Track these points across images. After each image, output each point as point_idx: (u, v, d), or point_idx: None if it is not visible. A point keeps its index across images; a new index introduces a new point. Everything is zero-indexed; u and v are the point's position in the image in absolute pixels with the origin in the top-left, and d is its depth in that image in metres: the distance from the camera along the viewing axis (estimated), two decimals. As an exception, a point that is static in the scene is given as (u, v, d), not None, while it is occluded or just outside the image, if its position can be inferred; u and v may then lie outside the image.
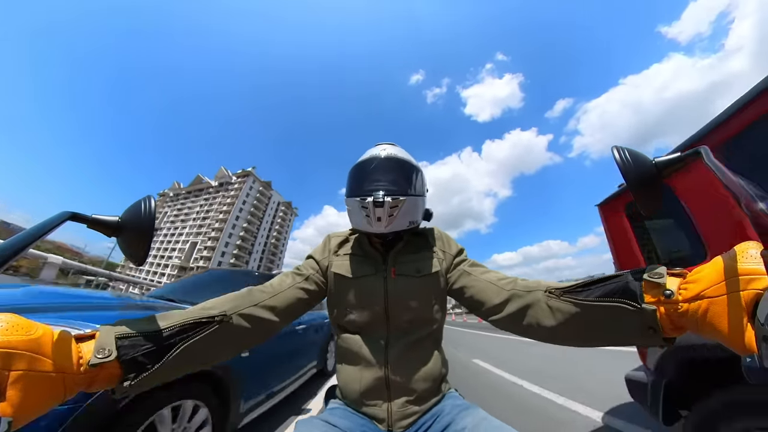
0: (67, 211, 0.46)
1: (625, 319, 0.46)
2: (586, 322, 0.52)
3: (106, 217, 0.50)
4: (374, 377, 0.72)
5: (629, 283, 0.47)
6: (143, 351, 0.47)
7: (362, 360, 0.74)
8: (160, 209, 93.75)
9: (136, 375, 0.46)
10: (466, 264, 0.81)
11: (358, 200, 0.74)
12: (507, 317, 0.65)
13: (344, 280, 0.79)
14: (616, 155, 0.47)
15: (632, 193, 0.46)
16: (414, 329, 0.76)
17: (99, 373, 0.44)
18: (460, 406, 0.70)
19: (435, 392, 0.75)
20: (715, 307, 0.37)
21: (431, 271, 0.79)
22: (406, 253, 0.82)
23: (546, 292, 0.59)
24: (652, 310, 0.43)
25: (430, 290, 0.78)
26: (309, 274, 0.80)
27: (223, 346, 0.60)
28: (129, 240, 0.51)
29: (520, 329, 0.64)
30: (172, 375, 0.52)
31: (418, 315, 0.77)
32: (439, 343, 0.82)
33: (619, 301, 0.47)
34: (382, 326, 0.76)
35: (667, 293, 0.42)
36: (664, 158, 0.46)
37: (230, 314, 0.60)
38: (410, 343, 0.75)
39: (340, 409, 0.74)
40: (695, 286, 0.40)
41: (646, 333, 0.44)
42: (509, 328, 0.66)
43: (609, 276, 0.52)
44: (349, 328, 0.79)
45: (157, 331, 0.50)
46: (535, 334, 0.62)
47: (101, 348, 0.44)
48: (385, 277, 0.78)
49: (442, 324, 0.83)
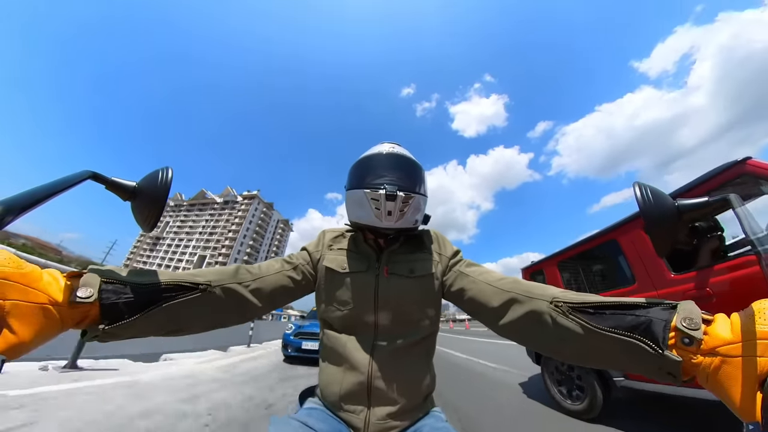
0: (88, 170, 0.47)
1: (640, 357, 0.42)
2: (595, 347, 0.48)
3: (124, 181, 0.52)
4: (356, 381, 0.68)
5: (653, 323, 0.42)
6: (124, 300, 0.48)
7: (345, 361, 0.71)
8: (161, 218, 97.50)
9: (111, 322, 0.47)
10: (462, 265, 0.79)
11: (368, 191, 0.72)
12: (508, 325, 0.61)
13: (335, 274, 0.77)
14: (637, 192, 0.45)
15: (649, 232, 0.44)
16: (404, 334, 0.73)
17: (90, 311, 0.45)
18: (439, 429, 0.65)
19: (418, 408, 0.71)
20: (728, 367, 0.35)
21: (425, 273, 0.76)
22: (400, 253, 0.80)
23: (552, 304, 0.54)
24: (676, 361, 0.39)
25: (423, 292, 0.75)
26: (298, 264, 0.78)
27: (201, 315, 0.59)
28: (142, 206, 0.52)
29: (520, 338, 0.61)
30: (144, 332, 0.51)
31: (409, 317, 0.73)
32: (430, 355, 0.78)
33: (638, 339, 0.43)
34: (369, 327, 0.73)
35: (686, 341, 0.39)
36: (688, 202, 0.43)
37: (214, 285, 0.60)
38: (398, 349, 0.71)
39: (318, 410, 0.70)
40: (711, 339, 0.38)
41: (663, 375, 0.41)
42: (510, 335, 0.63)
43: (628, 304, 0.46)
44: (336, 325, 0.76)
45: (142, 284, 0.51)
46: (535, 346, 0.58)
47: (84, 286, 0.45)
48: (377, 275, 0.75)
49: (435, 332, 0.79)
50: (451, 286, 0.76)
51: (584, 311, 0.50)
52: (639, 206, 0.44)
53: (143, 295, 0.50)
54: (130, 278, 0.50)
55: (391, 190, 0.70)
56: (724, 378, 0.36)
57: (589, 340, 0.48)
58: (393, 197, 0.70)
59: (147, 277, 0.53)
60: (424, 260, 0.79)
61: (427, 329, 0.76)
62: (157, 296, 0.52)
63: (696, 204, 0.43)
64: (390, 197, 0.70)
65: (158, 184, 0.50)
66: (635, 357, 0.43)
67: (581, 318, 0.49)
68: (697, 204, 0.43)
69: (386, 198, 0.70)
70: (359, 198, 0.74)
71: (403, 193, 0.71)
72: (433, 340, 0.79)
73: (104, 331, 0.46)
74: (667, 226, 0.44)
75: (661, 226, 0.44)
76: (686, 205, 0.43)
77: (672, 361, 0.39)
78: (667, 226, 0.43)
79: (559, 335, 0.52)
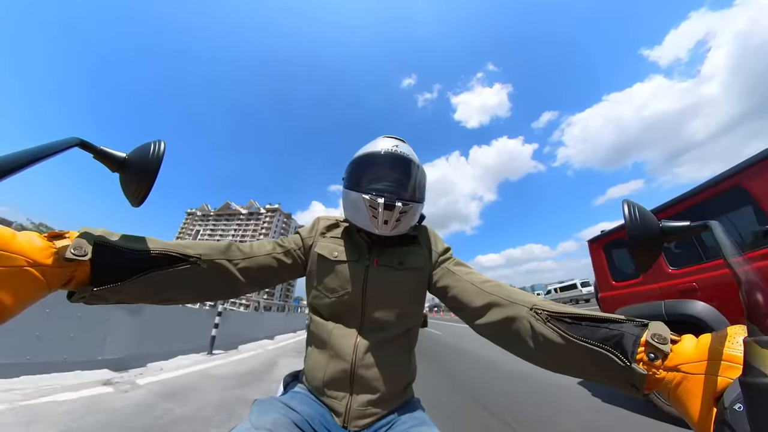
0: (76, 137, 0.44)
1: (609, 368, 0.45)
2: (567, 356, 0.51)
3: (114, 152, 0.49)
4: (340, 368, 0.69)
5: (625, 337, 0.45)
6: (115, 263, 0.49)
7: (331, 348, 0.72)
8: (190, 227, 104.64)
9: (100, 284, 0.47)
10: (450, 263, 0.81)
11: (367, 198, 0.71)
12: (487, 325, 0.64)
13: (325, 261, 0.78)
14: (626, 210, 0.47)
15: (632, 249, 0.46)
16: (389, 325, 0.74)
17: (77, 271, 0.45)
18: (417, 419, 0.68)
19: (398, 397, 0.73)
20: (688, 383, 0.38)
21: (414, 267, 0.78)
22: (392, 245, 0.80)
23: (532, 310, 0.57)
24: (641, 374, 0.42)
25: (410, 285, 0.77)
26: (290, 248, 0.80)
27: (188, 288, 0.60)
28: (131, 179, 0.49)
29: (497, 340, 0.64)
30: (131, 298, 0.52)
31: (395, 309, 0.75)
32: (412, 346, 0.81)
33: (609, 351, 0.45)
34: (356, 316, 0.74)
35: (651, 356, 0.42)
36: (672, 224, 0.46)
37: (204, 259, 0.61)
38: (383, 340, 0.73)
39: (301, 394, 0.71)
40: (675, 356, 0.40)
41: (627, 387, 0.44)
42: (487, 335, 0.66)
43: (603, 318, 0.50)
44: (323, 312, 0.77)
45: (134, 250, 0.52)
46: (512, 349, 0.61)
47: (78, 246, 0.44)
48: (368, 265, 0.76)
49: (418, 325, 0.82)
50: (437, 282, 0.79)
51: (562, 320, 0.53)
52: (626, 224, 0.46)
53: (134, 261, 0.51)
54: (122, 243, 0.51)
55: (389, 199, 0.70)
56: (683, 393, 0.38)
57: (563, 348, 0.51)
58: (391, 207, 0.71)
59: (139, 243, 0.54)
60: (415, 254, 0.81)
61: (412, 321, 0.79)
62: (147, 264, 0.53)
63: (679, 227, 0.45)
64: (388, 206, 0.70)
65: (149, 156, 0.48)
66: (604, 367, 0.46)
67: (558, 326, 0.52)
68: (679, 227, 0.45)
69: (384, 207, 0.70)
70: (356, 200, 0.74)
71: (401, 203, 0.71)
72: (416, 332, 0.82)
73: (93, 292, 0.47)
74: (650, 246, 0.46)
75: (644, 245, 0.46)
76: (670, 227, 0.45)
77: (638, 374, 0.42)
78: (650, 245, 0.46)
79: (536, 341, 0.55)
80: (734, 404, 0.32)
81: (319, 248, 0.80)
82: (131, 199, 0.50)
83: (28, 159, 0.36)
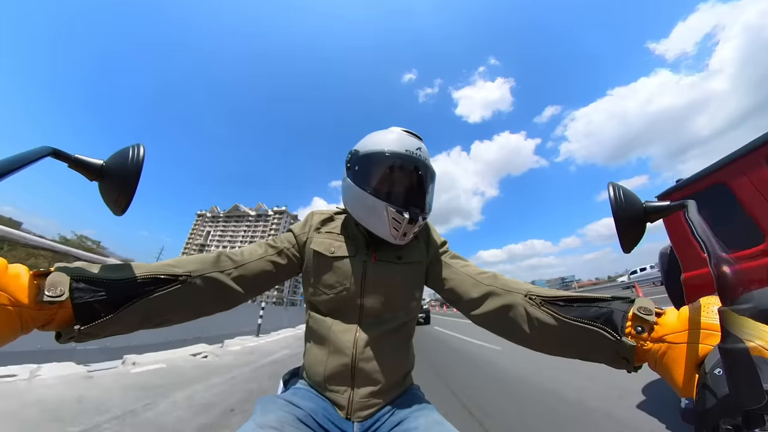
0: (48, 146, 0.42)
1: (601, 344, 0.50)
2: (562, 337, 0.55)
3: (90, 159, 0.47)
4: (340, 363, 0.70)
5: (613, 313, 0.50)
6: (99, 298, 0.46)
7: (330, 344, 0.72)
8: (201, 228, 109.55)
9: (87, 322, 0.45)
10: (447, 256, 0.83)
11: (393, 210, 0.71)
12: (484, 315, 0.68)
13: (322, 258, 0.77)
14: (611, 192, 0.50)
15: (617, 228, 0.49)
16: (387, 318, 0.75)
17: (57, 312, 0.43)
18: (417, 404, 0.70)
19: (399, 386, 0.75)
20: (672, 352, 0.42)
21: (412, 260, 0.80)
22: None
23: (526, 297, 0.61)
24: (631, 345, 0.46)
25: (408, 278, 0.79)
26: (283, 248, 0.79)
27: (182, 307, 0.59)
28: (111, 186, 0.48)
29: (495, 328, 0.68)
30: (125, 329, 0.51)
31: (394, 302, 0.76)
32: (410, 337, 0.82)
33: (600, 327, 0.50)
34: (354, 311, 0.74)
35: (638, 329, 0.46)
36: (653, 204, 0.49)
37: (194, 276, 0.60)
38: (382, 333, 0.73)
39: (303, 389, 0.72)
40: (660, 328, 0.45)
41: (618, 361, 0.49)
42: (485, 325, 0.69)
43: (593, 298, 0.54)
44: (322, 308, 0.77)
45: (117, 279, 0.49)
46: (509, 336, 0.65)
47: (53, 286, 0.42)
48: (365, 260, 0.77)
49: (416, 317, 0.83)
50: (434, 275, 0.81)
51: (555, 303, 0.57)
52: (611, 206, 0.49)
53: (119, 291, 0.49)
54: (103, 275, 0.48)
55: (414, 214, 0.71)
56: (669, 361, 0.42)
57: (558, 330, 0.55)
58: (415, 221, 0.72)
59: (122, 272, 0.51)
60: (413, 247, 0.82)
61: (411, 313, 0.80)
62: (134, 291, 0.51)
63: (660, 206, 0.49)
64: (412, 221, 0.71)
65: (128, 162, 0.47)
66: (597, 344, 0.50)
67: (552, 309, 0.57)
68: (660, 206, 0.49)
69: (409, 222, 0.71)
70: (376, 207, 0.72)
71: (422, 218, 0.74)
72: (413, 324, 0.83)
73: (80, 331, 0.45)
74: (635, 225, 0.49)
75: (629, 225, 0.49)
76: (652, 207, 0.49)
77: (627, 346, 0.46)
78: (635, 225, 0.49)
79: (532, 325, 0.59)
80: (714, 369, 0.35)
81: (315, 244, 0.79)
82: (113, 208, 0.49)
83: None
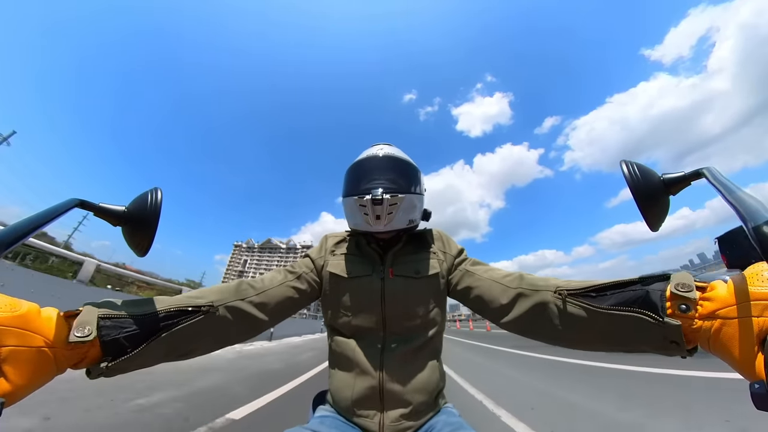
0: (75, 198, 0.46)
1: (644, 330, 0.44)
2: (601, 329, 0.50)
3: (113, 207, 0.50)
4: (368, 385, 0.68)
5: (650, 293, 0.44)
6: (125, 333, 0.47)
7: (356, 366, 0.71)
8: (238, 257, 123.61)
9: (115, 357, 0.46)
10: (467, 263, 0.80)
11: (356, 198, 0.73)
12: (515, 320, 0.63)
13: (339, 279, 0.77)
14: (624, 169, 0.46)
15: (639, 207, 0.45)
16: (412, 335, 0.74)
17: (89, 351, 0.44)
18: (452, 424, 0.66)
19: (431, 406, 0.72)
20: (727, 329, 0.36)
21: (431, 273, 0.77)
22: (404, 254, 0.80)
23: (555, 293, 0.56)
24: (676, 325, 0.40)
25: (429, 292, 0.76)
26: (302, 273, 0.78)
27: (206, 338, 0.59)
28: (133, 230, 0.51)
29: (529, 332, 0.62)
30: (151, 362, 0.51)
31: (417, 319, 0.74)
32: (438, 353, 0.79)
33: (638, 312, 0.44)
34: (378, 330, 0.73)
35: (683, 308, 0.40)
36: (672, 175, 0.46)
37: (216, 305, 0.59)
38: (408, 351, 0.72)
39: (330, 417, 0.71)
40: (710, 304, 0.38)
41: (667, 346, 0.42)
42: (518, 330, 0.64)
43: (625, 281, 0.48)
44: (344, 331, 0.76)
45: (142, 314, 0.50)
46: (544, 337, 0.60)
47: (81, 326, 0.43)
48: (383, 277, 0.75)
49: (442, 331, 0.80)
50: (457, 285, 0.77)
51: (587, 295, 0.51)
52: (627, 183, 0.45)
53: (144, 325, 0.49)
54: (128, 310, 0.49)
55: (376, 193, 0.71)
56: (725, 339, 0.36)
57: (595, 323, 0.50)
58: (379, 201, 0.70)
59: (146, 306, 0.52)
60: (429, 260, 0.79)
61: (435, 328, 0.77)
62: (158, 325, 0.51)
63: (677, 177, 0.45)
64: (376, 201, 0.70)
65: (148, 207, 0.50)
66: (639, 331, 0.44)
67: (585, 302, 0.51)
68: (678, 177, 0.45)
69: (372, 203, 0.71)
70: (351, 205, 0.77)
71: (389, 195, 0.71)
72: (440, 338, 0.80)
73: (107, 368, 0.45)
74: (657, 201, 0.45)
75: (651, 201, 0.45)
76: (670, 179, 0.45)
77: (673, 326, 0.40)
78: (657, 200, 0.45)
79: (565, 322, 0.54)
80: None
81: (331, 267, 0.79)
82: (136, 250, 0.51)
83: (30, 228, 0.37)
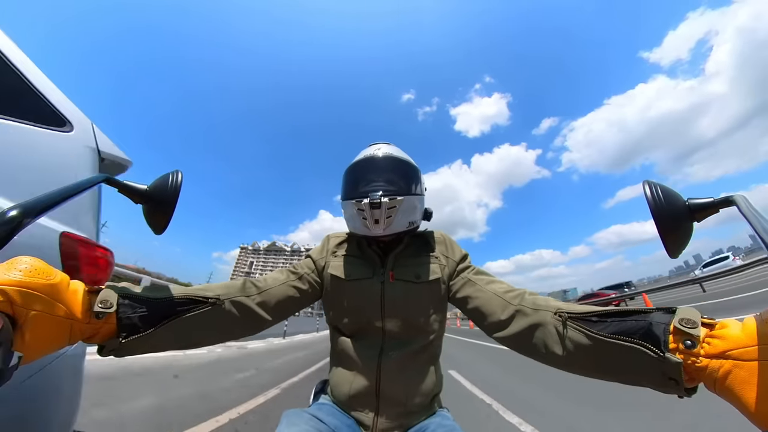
0: (102, 174, 0.49)
1: (642, 363, 0.41)
2: (598, 357, 0.48)
3: (136, 185, 0.53)
4: (365, 385, 0.70)
5: (653, 326, 0.41)
6: (140, 314, 0.49)
7: (355, 365, 0.73)
8: (245, 259, 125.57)
9: (128, 335, 0.48)
10: (470, 272, 0.78)
11: (354, 202, 0.73)
12: (512, 336, 0.62)
13: (340, 281, 0.78)
14: (647, 191, 0.44)
15: (659, 231, 0.42)
16: (411, 339, 0.74)
17: (102, 327, 0.46)
18: (445, 426, 0.67)
19: (426, 409, 0.73)
20: (739, 371, 0.33)
21: (431, 278, 0.76)
22: (405, 257, 0.80)
23: (556, 315, 0.55)
24: (676, 362, 0.37)
25: (429, 298, 0.76)
26: (303, 273, 0.79)
27: (211, 328, 0.61)
28: (153, 209, 0.53)
29: (524, 350, 0.61)
30: (161, 346, 0.53)
31: (416, 322, 0.74)
32: (436, 358, 0.79)
33: (638, 344, 0.42)
34: (377, 332, 0.74)
35: (688, 344, 0.38)
36: (699, 201, 0.43)
37: (223, 299, 0.62)
38: (406, 355, 0.72)
39: (328, 405, 0.73)
40: (721, 343, 0.36)
41: (665, 383, 0.39)
42: (513, 347, 0.63)
43: (630, 310, 0.46)
44: (344, 331, 0.78)
45: (156, 299, 0.53)
46: (540, 358, 0.58)
47: (104, 300, 0.46)
48: (383, 281, 0.76)
49: (441, 335, 0.80)
50: (457, 292, 0.76)
51: (587, 320, 0.50)
52: (650, 207, 0.43)
53: (158, 309, 0.52)
54: (145, 294, 0.52)
55: (374, 197, 0.70)
56: (737, 383, 0.33)
57: (593, 350, 0.48)
58: (378, 205, 0.69)
59: (161, 292, 0.55)
60: (430, 264, 0.78)
61: (434, 332, 0.77)
62: (171, 310, 0.54)
63: (705, 203, 0.42)
64: (374, 205, 0.69)
65: (168, 187, 0.52)
66: (637, 364, 0.42)
67: (584, 327, 0.49)
68: (706, 203, 0.42)
69: (371, 206, 0.70)
70: (349, 209, 0.76)
71: (387, 198, 0.70)
72: (439, 343, 0.80)
73: (121, 344, 0.47)
74: (680, 226, 0.43)
75: (673, 226, 0.43)
76: (696, 204, 0.42)
77: (673, 363, 0.38)
78: (679, 225, 0.43)
79: (563, 345, 0.52)
80: None
81: (332, 268, 0.80)
82: (154, 228, 0.53)
83: (60, 197, 0.39)
